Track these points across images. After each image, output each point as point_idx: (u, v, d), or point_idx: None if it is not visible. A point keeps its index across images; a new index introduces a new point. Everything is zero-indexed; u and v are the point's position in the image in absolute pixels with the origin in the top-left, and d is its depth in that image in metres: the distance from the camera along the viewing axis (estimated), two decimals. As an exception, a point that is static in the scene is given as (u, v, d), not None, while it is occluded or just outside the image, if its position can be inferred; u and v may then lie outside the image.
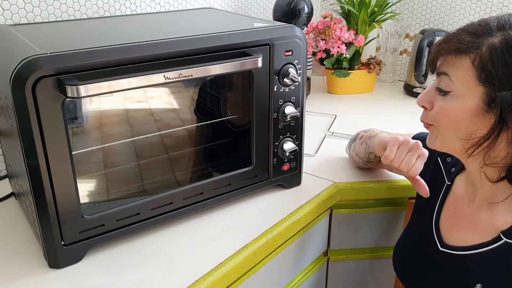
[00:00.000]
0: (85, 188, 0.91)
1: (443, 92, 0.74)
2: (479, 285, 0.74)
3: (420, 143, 0.86)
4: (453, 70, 0.72)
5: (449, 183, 0.87)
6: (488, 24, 0.70)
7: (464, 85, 0.71)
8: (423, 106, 0.79)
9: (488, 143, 0.71)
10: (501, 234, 0.74)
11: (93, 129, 0.96)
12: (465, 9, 1.67)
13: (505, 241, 0.73)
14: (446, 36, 0.74)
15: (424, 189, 0.87)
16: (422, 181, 0.88)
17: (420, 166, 0.85)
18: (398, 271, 0.93)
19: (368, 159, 1.03)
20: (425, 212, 0.89)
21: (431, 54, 0.76)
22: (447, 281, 0.81)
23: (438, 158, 0.91)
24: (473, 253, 0.77)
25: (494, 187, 0.76)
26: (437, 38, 1.55)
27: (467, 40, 0.70)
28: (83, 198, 0.81)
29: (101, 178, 0.97)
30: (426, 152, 0.86)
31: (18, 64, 0.67)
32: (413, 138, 0.97)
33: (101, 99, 0.94)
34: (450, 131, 0.75)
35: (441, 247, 0.82)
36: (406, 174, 0.88)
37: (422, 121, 0.80)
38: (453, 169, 0.87)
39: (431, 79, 1.59)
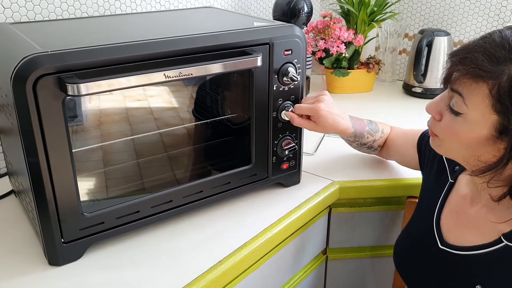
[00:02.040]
0: (85, 186, 0.92)
1: (454, 112, 0.71)
2: (478, 286, 0.74)
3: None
4: (469, 93, 0.68)
5: (452, 181, 0.87)
6: None
7: (478, 111, 0.68)
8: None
9: (494, 170, 0.70)
10: (502, 237, 0.73)
11: (92, 127, 0.96)
12: (463, 9, 1.67)
13: (506, 244, 0.72)
14: (463, 54, 0.69)
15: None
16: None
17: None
18: (398, 266, 0.94)
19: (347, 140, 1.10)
20: (427, 208, 0.89)
21: (445, 71, 0.72)
22: (446, 280, 0.81)
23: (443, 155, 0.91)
24: (473, 254, 0.76)
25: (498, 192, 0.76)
26: (436, 38, 1.56)
27: (487, 67, 0.65)
28: (83, 196, 0.82)
29: (101, 176, 0.97)
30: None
31: (19, 62, 0.68)
32: (421, 135, 1.00)
33: (101, 98, 0.94)
34: (456, 147, 0.74)
35: (441, 245, 0.82)
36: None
37: (429, 128, 0.79)
38: (457, 167, 0.87)
39: (430, 79, 1.60)
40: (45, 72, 0.68)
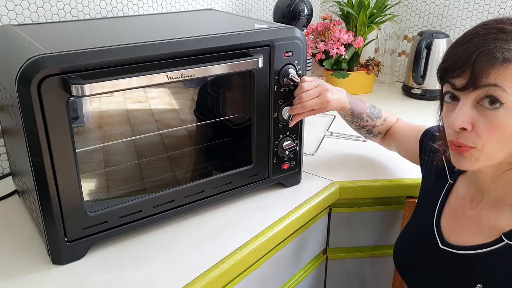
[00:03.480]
0: (88, 186, 0.92)
1: (498, 104, 0.69)
2: (479, 286, 0.74)
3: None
4: (504, 79, 0.67)
5: (452, 182, 0.87)
6: None
7: None
8: (462, 129, 0.72)
9: None
10: (502, 236, 0.73)
11: (94, 128, 0.97)
12: (462, 11, 1.69)
13: (507, 242, 0.73)
14: (476, 51, 0.68)
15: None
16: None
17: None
18: (398, 266, 0.94)
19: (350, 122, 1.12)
20: (427, 208, 0.89)
21: (468, 74, 0.69)
22: (447, 279, 0.81)
23: (443, 156, 0.91)
24: (474, 253, 0.77)
25: (505, 191, 0.76)
26: (435, 40, 1.57)
27: (508, 48, 0.66)
28: (86, 196, 0.83)
29: (103, 177, 0.98)
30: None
31: (24, 64, 0.69)
32: (425, 132, 0.99)
33: (102, 99, 0.95)
34: (499, 148, 0.71)
35: (442, 245, 0.82)
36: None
37: (460, 144, 0.73)
38: (456, 168, 0.88)
39: (429, 80, 1.61)
40: (49, 73, 0.69)
